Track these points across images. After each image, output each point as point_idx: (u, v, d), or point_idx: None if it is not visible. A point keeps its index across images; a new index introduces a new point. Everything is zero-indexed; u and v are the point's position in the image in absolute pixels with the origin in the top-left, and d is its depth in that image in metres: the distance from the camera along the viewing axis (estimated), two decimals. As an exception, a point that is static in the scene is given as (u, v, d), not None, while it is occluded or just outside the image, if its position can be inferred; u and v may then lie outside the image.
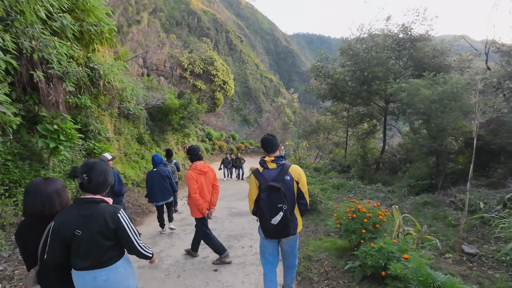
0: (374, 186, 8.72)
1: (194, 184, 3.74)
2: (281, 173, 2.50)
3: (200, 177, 3.83)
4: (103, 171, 1.85)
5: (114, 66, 6.69)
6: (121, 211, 1.81)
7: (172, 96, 16.45)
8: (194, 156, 3.97)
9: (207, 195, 3.93)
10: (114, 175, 4.62)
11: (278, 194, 2.37)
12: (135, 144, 13.64)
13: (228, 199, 9.44)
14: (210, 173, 3.99)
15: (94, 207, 1.75)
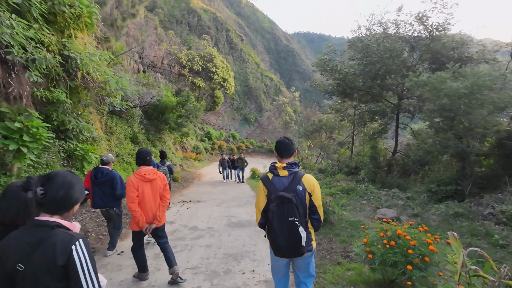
0: (390, 192, 7.77)
1: (132, 192, 3.26)
2: (293, 182, 2.20)
3: (143, 184, 3.33)
4: (65, 184, 1.36)
5: (95, 55, 5.74)
6: (79, 241, 1.28)
7: (169, 93, 15.51)
8: (139, 160, 3.47)
9: (151, 206, 3.38)
10: (117, 178, 4.35)
11: (290, 206, 2.09)
12: (129, 144, 12.73)
13: (227, 205, 8.51)
14: (158, 181, 3.44)
15: (45, 233, 1.28)
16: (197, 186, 12.91)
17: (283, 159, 2.32)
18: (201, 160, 22.03)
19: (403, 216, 6.03)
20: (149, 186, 3.37)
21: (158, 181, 3.45)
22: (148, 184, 3.37)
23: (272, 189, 2.21)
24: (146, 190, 3.34)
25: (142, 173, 3.36)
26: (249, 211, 7.64)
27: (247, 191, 11.22)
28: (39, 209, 1.34)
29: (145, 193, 3.33)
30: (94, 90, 6.07)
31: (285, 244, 2.12)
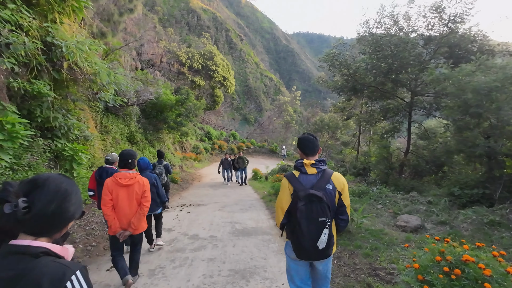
0: (409, 196, 7.10)
1: (106, 194, 3.10)
2: (322, 180, 2.08)
3: (118, 189, 3.13)
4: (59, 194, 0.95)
5: (84, 44, 5.07)
6: (76, 275, 0.89)
7: (168, 91, 14.85)
8: (120, 162, 3.28)
9: (126, 213, 3.15)
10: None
11: (321, 205, 1.97)
12: (126, 143, 12.06)
13: (230, 209, 7.86)
14: (136, 188, 3.19)
15: (27, 264, 0.86)
16: (197, 188, 12.25)
17: (309, 157, 2.17)
18: (201, 160, 21.37)
19: (428, 224, 5.39)
20: (125, 192, 3.14)
21: (136, 187, 3.19)
22: (124, 189, 3.14)
23: (299, 187, 2.05)
24: (121, 195, 3.13)
25: (118, 177, 3.14)
26: (254, 217, 6.99)
27: (250, 194, 10.57)
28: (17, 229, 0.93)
29: (119, 197, 3.12)
30: (83, 83, 5.40)
31: (311, 245, 1.99)
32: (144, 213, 3.25)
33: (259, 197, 9.74)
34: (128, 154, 3.26)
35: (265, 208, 7.94)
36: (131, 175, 3.19)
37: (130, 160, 3.24)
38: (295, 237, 2.05)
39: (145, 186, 3.26)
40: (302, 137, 2.25)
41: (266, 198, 9.18)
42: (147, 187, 3.29)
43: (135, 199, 3.19)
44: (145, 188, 3.26)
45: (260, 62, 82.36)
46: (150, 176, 4.41)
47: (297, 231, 2.01)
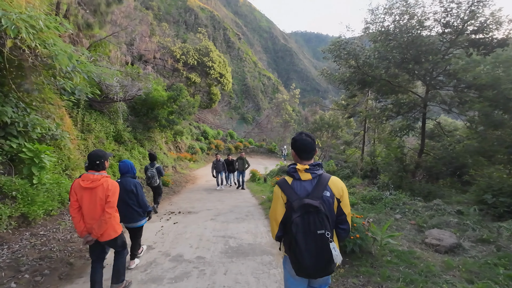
0: (432, 204, 6.01)
1: (71, 196, 2.93)
2: (318, 187, 1.82)
3: (81, 191, 2.90)
4: None
5: (38, 19, 3.97)
6: None
7: (160, 87, 13.73)
8: (88, 163, 3.04)
9: (90, 217, 2.93)
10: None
11: (318, 217, 1.72)
12: (111, 143, 10.94)
13: (224, 219, 6.78)
14: (99, 192, 2.92)
15: None
16: (190, 192, 11.17)
17: (304, 161, 1.92)
18: (196, 160, 20.28)
19: (465, 241, 4.35)
20: (88, 195, 2.91)
21: (99, 191, 2.91)
22: (87, 192, 2.91)
23: (292, 196, 1.81)
24: (85, 198, 2.91)
25: (81, 178, 2.93)
26: (252, 229, 5.92)
27: (248, 199, 9.49)
28: None
29: (83, 200, 2.91)
30: (37, 68, 4.29)
31: (313, 264, 1.72)
32: (106, 220, 2.92)
33: (258, 203, 8.67)
34: (95, 155, 2.98)
35: (264, 217, 6.87)
36: (94, 177, 2.90)
37: (97, 162, 2.95)
38: (293, 254, 1.78)
39: (109, 191, 2.93)
40: (298, 138, 1.95)
41: (265, 205, 8.11)
42: (112, 192, 2.95)
43: (98, 204, 2.91)
44: (109, 193, 2.92)
45: (258, 61, 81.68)
46: (129, 181, 3.88)
47: (294, 247, 1.76)
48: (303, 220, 1.73)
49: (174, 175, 14.65)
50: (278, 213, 1.87)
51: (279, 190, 1.91)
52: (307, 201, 1.74)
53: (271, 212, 1.97)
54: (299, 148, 1.94)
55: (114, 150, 10.81)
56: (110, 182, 3.00)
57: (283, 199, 1.87)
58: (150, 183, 7.21)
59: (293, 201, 1.79)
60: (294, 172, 1.91)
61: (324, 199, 1.80)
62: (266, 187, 11.95)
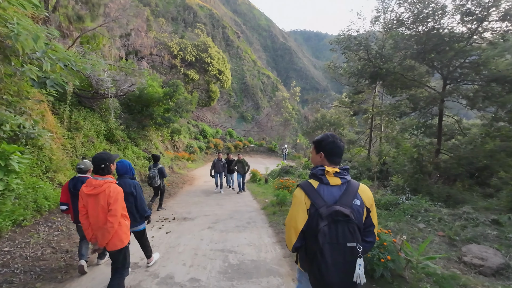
0: (461, 212, 5.24)
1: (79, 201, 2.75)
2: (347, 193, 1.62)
3: (86, 197, 2.70)
4: None
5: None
6: None
7: (155, 83, 12.93)
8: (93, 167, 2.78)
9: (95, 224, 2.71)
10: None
11: (349, 227, 1.52)
12: (102, 142, 10.17)
13: (224, 227, 6.03)
14: (101, 199, 2.65)
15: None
16: (187, 194, 10.42)
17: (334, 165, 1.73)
18: (194, 160, 19.51)
19: (514, 262, 3.62)
20: (92, 201, 2.68)
21: (101, 198, 2.65)
22: (91, 199, 2.68)
23: (320, 202, 1.59)
24: (90, 205, 2.69)
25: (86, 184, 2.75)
26: (255, 240, 5.17)
27: (249, 202, 8.74)
28: None
29: (89, 207, 2.71)
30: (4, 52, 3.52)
31: (339, 281, 1.49)
32: (109, 230, 2.66)
33: (260, 207, 7.92)
34: (99, 159, 2.76)
35: (268, 225, 6.12)
36: (96, 182, 2.69)
37: (102, 165, 2.74)
38: (315, 268, 1.53)
39: (110, 198, 2.66)
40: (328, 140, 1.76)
41: (268, 210, 7.36)
42: (114, 199, 2.67)
43: (101, 212, 2.67)
44: (111, 200, 2.66)
45: (258, 59, 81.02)
46: (128, 183, 3.54)
47: (319, 262, 1.51)
48: (331, 230, 1.53)
49: (171, 175, 13.89)
50: (299, 221, 1.63)
51: (303, 194, 1.68)
52: (338, 208, 1.54)
53: (289, 218, 1.72)
54: (331, 151, 1.74)
55: (105, 150, 10.03)
56: (112, 188, 2.70)
57: (307, 204, 1.65)
58: (151, 183, 7.21)
59: (319, 207, 1.58)
60: (322, 175, 1.69)
61: (354, 208, 1.60)
62: (268, 188, 11.21)
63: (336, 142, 1.77)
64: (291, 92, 33.09)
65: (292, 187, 7.59)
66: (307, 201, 1.65)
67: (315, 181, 1.71)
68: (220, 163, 10.05)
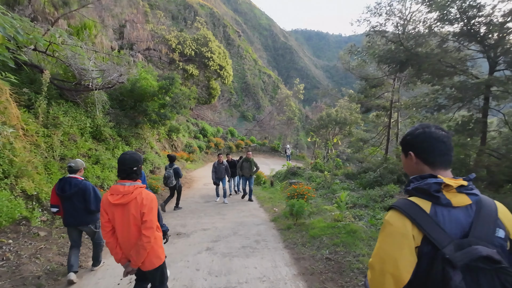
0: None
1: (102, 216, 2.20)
2: (483, 220, 0.99)
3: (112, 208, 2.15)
4: None
5: None
6: None
7: (149, 76, 11.58)
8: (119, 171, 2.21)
9: (125, 240, 2.18)
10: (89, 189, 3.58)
11: (501, 279, 0.88)
12: (88, 141, 8.84)
13: (226, 248, 4.68)
14: (132, 208, 2.12)
15: None
16: (184, 200, 9.05)
17: (438, 170, 1.08)
18: (194, 160, 18.18)
19: None
20: (120, 212, 2.14)
21: (132, 207, 2.12)
22: (119, 209, 2.14)
23: (440, 236, 0.95)
24: (117, 218, 2.16)
25: (110, 192, 2.18)
26: (269, 270, 3.82)
27: (255, 211, 7.38)
28: None
29: (116, 220, 2.16)
30: None
31: None
32: (145, 245, 2.11)
33: (269, 218, 6.58)
34: (132, 159, 2.21)
35: (283, 245, 4.77)
36: (125, 189, 2.13)
37: (135, 168, 2.20)
38: None
39: (144, 207, 2.11)
40: (417, 132, 1.13)
41: (280, 222, 6.01)
42: (148, 208, 2.12)
43: (133, 224, 2.12)
44: (145, 210, 2.11)
45: (258, 59, 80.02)
46: None
47: None
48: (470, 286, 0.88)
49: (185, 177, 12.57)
50: (403, 265, 0.96)
51: (406, 221, 0.99)
52: (484, 252, 0.89)
53: (381, 258, 1.01)
54: (429, 147, 1.10)
55: (91, 150, 8.71)
56: (145, 195, 2.18)
57: (416, 239, 0.97)
58: (166, 183, 7.19)
59: (442, 245, 0.93)
60: (437, 191, 1.00)
61: (497, 244, 0.96)
62: (275, 193, 9.88)
63: (434, 133, 1.10)
64: (294, 89, 31.74)
65: (308, 194, 6.25)
66: (416, 234, 0.99)
67: (424, 200, 1.02)
68: (221, 166, 8.36)
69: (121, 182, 2.19)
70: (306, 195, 6.30)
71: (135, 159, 2.24)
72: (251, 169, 8.36)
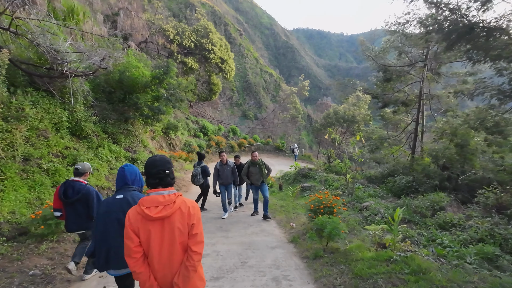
0: None
1: (129, 239, 1.66)
2: None
3: (147, 225, 1.66)
4: None
5: None
6: None
7: (141, 64, 10.03)
8: (149, 177, 1.78)
9: (165, 266, 1.68)
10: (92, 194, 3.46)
11: None
12: (65, 138, 7.31)
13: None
14: (176, 220, 1.67)
15: None
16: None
17: None
18: (193, 160, 16.61)
19: None
20: (159, 229, 1.66)
21: (177, 219, 1.67)
22: (157, 225, 1.66)
23: None
24: (155, 235, 1.65)
25: (145, 204, 1.67)
26: None
27: (267, 227, 5.78)
28: None
29: (152, 240, 1.65)
30: None
31: None
32: (195, 266, 1.67)
33: (286, 238, 5.01)
34: (163, 161, 1.82)
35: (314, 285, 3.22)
36: (166, 198, 1.68)
37: (167, 170, 1.79)
38: None
39: (193, 217, 1.69)
40: None
41: (302, 245, 4.45)
42: (197, 218, 1.71)
43: (178, 241, 1.65)
44: (194, 221, 1.69)
45: (260, 57, 78.68)
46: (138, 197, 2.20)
47: None
48: None
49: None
50: None
51: None
52: None
53: None
54: None
55: (68, 148, 7.18)
56: (190, 203, 1.73)
57: None
58: (193, 181, 6.85)
59: None
60: None
61: None
62: (287, 200, 8.33)
63: None
64: (299, 86, 30.14)
65: (337, 206, 4.68)
66: None
67: None
68: (226, 168, 6.30)
69: (156, 191, 1.72)
70: (334, 209, 4.73)
71: (167, 160, 1.86)
72: (261, 174, 6.16)
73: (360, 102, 24.55)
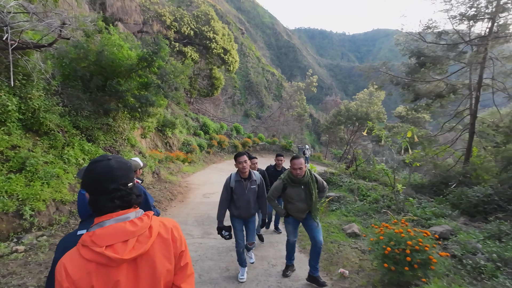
0: None
1: None
2: None
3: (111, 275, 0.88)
4: None
5: None
6: None
7: (126, 45, 7.91)
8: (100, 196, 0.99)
9: None
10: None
11: None
12: (13, 134, 5.22)
13: None
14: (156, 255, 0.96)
15: None
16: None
17: None
18: (192, 161, 14.55)
19: None
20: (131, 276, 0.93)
21: (158, 252, 0.99)
22: (129, 269, 0.93)
23: None
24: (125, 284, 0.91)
25: (103, 241, 0.90)
26: None
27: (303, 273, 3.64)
28: None
29: None
30: None
31: None
32: None
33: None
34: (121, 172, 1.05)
35: None
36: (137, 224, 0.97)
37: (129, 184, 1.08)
38: None
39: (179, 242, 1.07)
40: None
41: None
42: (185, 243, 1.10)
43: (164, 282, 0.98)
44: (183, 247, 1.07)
45: (262, 57, 76.93)
46: None
47: None
48: None
49: (154, 186, 8.96)
50: None
51: None
52: None
53: None
54: None
55: (18, 148, 5.09)
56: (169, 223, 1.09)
57: None
58: None
59: None
60: None
61: None
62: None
63: None
64: (306, 82, 28.03)
65: (431, 249, 2.59)
66: None
67: None
68: (251, 187, 3.29)
69: (117, 217, 0.98)
70: (430, 254, 2.62)
71: (128, 166, 1.10)
72: (310, 199, 3.16)
73: (373, 99, 22.46)
